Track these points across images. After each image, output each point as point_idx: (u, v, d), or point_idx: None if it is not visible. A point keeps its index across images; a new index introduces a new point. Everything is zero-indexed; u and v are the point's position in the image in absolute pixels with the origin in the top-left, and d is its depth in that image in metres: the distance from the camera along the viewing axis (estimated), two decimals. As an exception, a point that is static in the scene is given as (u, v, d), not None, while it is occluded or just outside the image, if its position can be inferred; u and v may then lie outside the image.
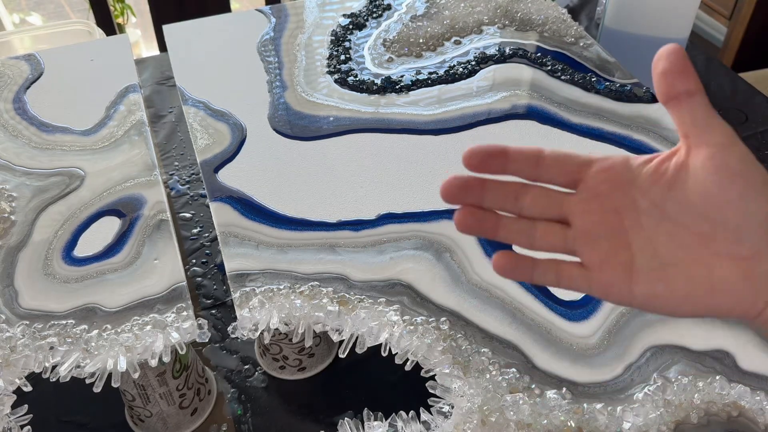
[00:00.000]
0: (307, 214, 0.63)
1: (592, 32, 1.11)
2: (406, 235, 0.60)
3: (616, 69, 0.81)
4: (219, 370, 0.65)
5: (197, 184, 0.85)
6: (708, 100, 0.31)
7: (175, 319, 0.52)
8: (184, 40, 0.89)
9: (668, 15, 0.89)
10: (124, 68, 0.83)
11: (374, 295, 0.55)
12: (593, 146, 0.70)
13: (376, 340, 0.52)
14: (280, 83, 0.80)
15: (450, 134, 0.72)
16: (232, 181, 0.66)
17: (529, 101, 0.76)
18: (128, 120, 0.74)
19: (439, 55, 0.85)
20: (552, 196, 0.35)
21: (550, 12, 0.91)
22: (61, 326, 0.52)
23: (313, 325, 0.53)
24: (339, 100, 0.77)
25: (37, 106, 0.77)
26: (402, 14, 0.93)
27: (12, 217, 0.63)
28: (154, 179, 0.66)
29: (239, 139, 0.72)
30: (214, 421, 0.61)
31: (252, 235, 0.60)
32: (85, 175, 0.67)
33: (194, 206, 0.83)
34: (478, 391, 0.48)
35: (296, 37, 0.89)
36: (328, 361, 0.65)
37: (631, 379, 0.51)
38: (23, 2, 2.57)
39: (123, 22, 2.04)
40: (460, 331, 0.53)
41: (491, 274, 0.57)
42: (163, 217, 0.62)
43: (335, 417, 0.61)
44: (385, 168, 0.68)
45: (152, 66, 1.07)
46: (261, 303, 0.54)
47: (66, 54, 0.87)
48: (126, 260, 0.58)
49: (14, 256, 0.59)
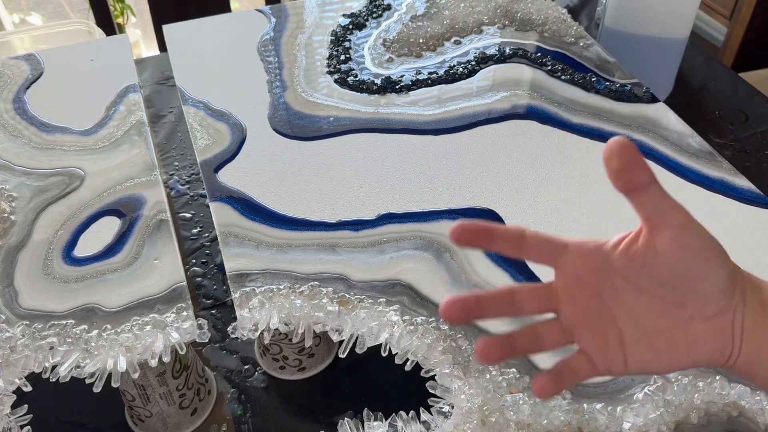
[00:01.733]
0: (307, 214, 0.63)
1: (592, 32, 1.11)
2: (406, 235, 0.60)
3: (616, 69, 0.81)
4: (219, 370, 0.65)
5: (197, 184, 0.85)
6: (661, 187, 0.35)
7: (175, 319, 0.52)
8: (184, 40, 0.89)
9: (668, 15, 0.89)
10: (124, 68, 0.83)
11: (374, 295, 0.55)
12: (593, 146, 0.70)
13: (376, 340, 0.52)
14: (280, 83, 0.80)
15: (450, 134, 0.72)
16: (232, 181, 0.66)
17: (529, 101, 0.76)
18: (128, 120, 0.74)
19: (439, 55, 0.85)
20: (539, 294, 0.38)
21: (550, 12, 0.91)
22: (61, 326, 0.52)
23: (313, 325, 0.53)
24: (339, 100, 0.77)
25: (37, 106, 0.77)
26: (402, 14, 0.93)
27: (12, 217, 0.63)
28: (154, 179, 0.66)
29: (239, 139, 0.72)
30: (214, 421, 0.61)
31: (252, 235, 0.60)
32: (85, 175, 0.67)
33: (194, 206, 0.83)
34: (478, 391, 0.48)
35: (296, 37, 0.89)
36: (328, 361, 0.65)
37: (631, 379, 0.51)
38: (23, 2, 2.57)
39: (123, 22, 2.04)
40: (460, 331, 0.53)
41: (491, 274, 0.57)
42: (163, 217, 0.62)
43: (335, 417, 0.61)
44: (385, 168, 0.68)
45: (152, 66, 1.07)
46: (261, 303, 0.54)
47: (66, 54, 0.87)
48: (126, 260, 0.58)
49: (14, 256, 0.59)
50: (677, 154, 0.68)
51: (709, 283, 0.35)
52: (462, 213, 0.62)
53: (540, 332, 0.38)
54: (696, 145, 0.69)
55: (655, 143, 0.70)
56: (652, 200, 0.35)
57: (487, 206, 0.63)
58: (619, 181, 0.35)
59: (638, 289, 0.36)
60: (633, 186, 0.35)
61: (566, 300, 0.38)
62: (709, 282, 0.35)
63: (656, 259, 0.35)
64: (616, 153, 0.35)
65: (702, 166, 0.67)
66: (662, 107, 0.75)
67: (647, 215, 0.35)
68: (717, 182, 0.65)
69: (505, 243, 0.38)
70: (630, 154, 0.35)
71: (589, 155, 0.69)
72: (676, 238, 0.35)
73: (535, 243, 0.38)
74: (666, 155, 0.68)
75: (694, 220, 0.35)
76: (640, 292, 0.36)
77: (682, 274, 0.35)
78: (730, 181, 0.65)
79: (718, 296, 0.35)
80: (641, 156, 0.35)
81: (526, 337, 0.38)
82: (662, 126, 0.72)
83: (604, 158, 0.35)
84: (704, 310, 0.36)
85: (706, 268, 0.35)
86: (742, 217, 0.62)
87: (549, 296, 0.38)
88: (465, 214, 0.62)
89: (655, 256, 0.35)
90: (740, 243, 0.59)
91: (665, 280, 0.35)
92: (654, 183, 0.35)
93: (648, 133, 0.71)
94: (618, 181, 0.35)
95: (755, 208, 0.62)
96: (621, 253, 0.36)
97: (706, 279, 0.35)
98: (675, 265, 0.35)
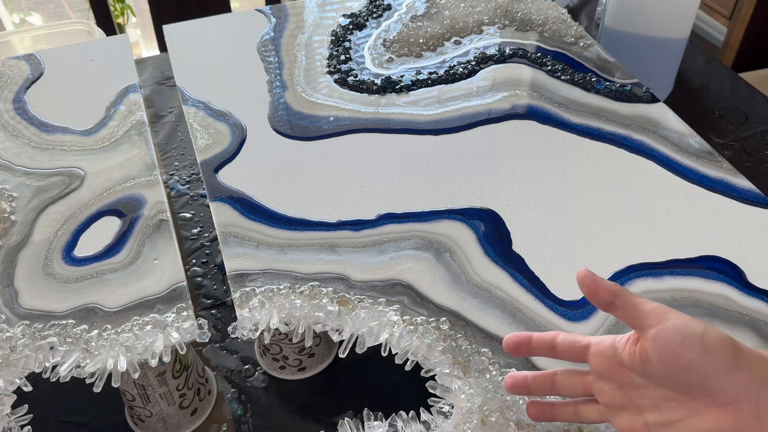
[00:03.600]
0: (307, 214, 0.63)
1: (592, 32, 1.11)
2: (406, 235, 0.60)
3: (616, 69, 0.81)
4: (219, 370, 0.65)
5: (197, 184, 0.85)
6: (631, 298, 0.40)
7: (175, 319, 0.53)
8: (184, 40, 0.89)
9: (668, 15, 0.89)
10: (124, 68, 0.83)
11: (374, 295, 0.55)
12: (593, 146, 0.70)
13: (376, 340, 0.52)
14: (280, 83, 0.80)
15: (450, 134, 0.72)
16: (232, 181, 0.66)
17: (529, 101, 0.76)
18: (128, 120, 0.74)
19: (439, 55, 0.85)
20: (576, 382, 0.44)
21: (550, 12, 0.91)
22: (61, 326, 0.52)
23: (313, 325, 0.53)
24: (339, 100, 0.77)
25: (37, 106, 0.77)
26: (402, 14, 0.93)
27: (12, 217, 0.63)
28: (154, 179, 0.66)
29: (239, 139, 0.72)
30: (214, 421, 0.61)
31: (252, 235, 0.60)
32: (85, 175, 0.67)
33: (194, 206, 0.83)
34: (478, 391, 0.48)
35: (296, 37, 0.89)
36: (328, 361, 0.65)
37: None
38: (23, 2, 2.57)
39: (123, 22, 2.04)
40: (460, 331, 0.53)
41: (491, 274, 0.57)
42: (163, 217, 0.62)
43: (335, 417, 0.61)
44: (385, 168, 0.68)
45: (152, 66, 1.07)
46: (261, 303, 0.54)
47: (66, 54, 0.87)
48: (126, 260, 0.58)
49: (14, 256, 0.59)
50: (677, 154, 0.68)
51: (702, 374, 0.36)
52: (462, 213, 0.62)
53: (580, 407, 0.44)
54: (696, 145, 0.70)
55: (655, 143, 0.70)
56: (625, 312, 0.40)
57: (487, 206, 0.63)
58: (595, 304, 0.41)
59: (651, 383, 0.39)
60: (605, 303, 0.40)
61: (598, 390, 0.42)
62: (702, 373, 0.36)
63: (648, 358, 0.38)
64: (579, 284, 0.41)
65: (702, 166, 0.67)
66: (662, 107, 0.75)
67: (630, 323, 0.40)
68: (717, 182, 0.65)
69: (541, 348, 0.44)
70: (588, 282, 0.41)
71: (589, 155, 0.69)
72: (655, 340, 0.38)
73: (564, 346, 0.43)
74: (666, 155, 0.68)
75: (671, 317, 0.38)
76: (653, 386, 0.39)
77: (673, 370, 0.37)
78: (730, 181, 0.65)
79: (724, 384, 0.36)
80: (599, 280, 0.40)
81: (567, 408, 0.44)
82: (662, 126, 0.72)
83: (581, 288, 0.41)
84: (714, 400, 0.37)
85: (693, 361, 0.36)
86: (742, 217, 0.62)
87: (584, 385, 0.43)
88: (465, 214, 0.62)
89: (647, 356, 0.38)
90: (740, 243, 0.59)
91: (665, 375, 0.38)
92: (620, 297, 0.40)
93: (648, 133, 0.71)
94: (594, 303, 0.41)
95: (755, 208, 0.62)
96: (628, 353, 0.40)
97: (698, 371, 0.36)
98: (664, 363, 0.37)
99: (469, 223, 0.62)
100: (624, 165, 0.68)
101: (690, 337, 0.37)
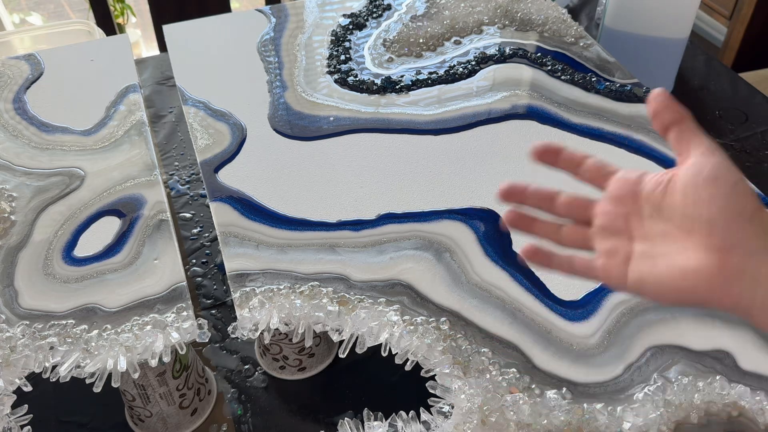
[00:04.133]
0: (307, 214, 0.63)
1: (592, 32, 1.11)
2: (406, 235, 0.60)
3: (616, 69, 0.81)
4: (219, 370, 0.65)
5: (197, 184, 0.85)
6: (695, 124, 0.39)
7: (175, 319, 0.52)
8: (184, 40, 0.89)
9: (668, 15, 0.89)
10: (124, 68, 0.83)
11: (374, 295, 0.55)
12: (593, 146, 0.70)
13: (376, 340, 0.52)
14: (280, 83, 0.80)
15: (450, 134, 0.72)
16: (232, 181, 0.66)
17: (529, 101, 0.76)
18: (128, 120, 0.74)
19: (439, 55, 0.85)
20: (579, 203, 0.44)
21: (550, 12, 0.91)
22: (61, 326, 0.52)
23: (313, 325, 0.53)
24: (339, 100, 0.77)
25: (37, 106, 0.77)
26: (402, 14, 0.93)
27: (12, 217, 0.63)
28: (154, 179, 0.66)
29: (239, 139, 0.72)
30: (214, 421, 0.61)
31: (252, 235, 0.60)
32: (85, 175, 0.67)
33: (194, 206, 0.83)
34: (478, 391, 0.48)
35: (296, 37, 0.89)
36: (328, 361, 0.65)
37: (631, 379, 0.51)
38: (23, 2, 2.57)
39: (123, 22, 2.04)
40: (460, 331, 0.53)
41: (491, 274, 0.57)
42: (163, 217, 0.62)
43: (335, 417, 0.61)
44: (385, 168, 0.68)
45: (152, 66, 1.07)
46: (261, 303, 0.54)
47: (66, 54, 0.87)
48: (126, 260, 0.58)
49: (14, 256, 0.59)
50: (677, 154, 0.68)
51: (713, 210, 0.36)
52: (462, 213, 0.62)
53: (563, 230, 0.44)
54: (696, 145, 0.69)
55: (655, 143, 0.70)
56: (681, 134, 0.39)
57: (487, 206, 0.63)
58: (655, 121, 0.40)
59: (659, 215, 0.39)
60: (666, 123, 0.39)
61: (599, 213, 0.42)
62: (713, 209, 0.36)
63: (674, 184, 0.38)
64: (651, 99, 0.40)
65: (702, 166, 0.67)
66: (662, 107, 0.75)
67: (678, 150, 0.39)
68: (717, 182, 0.65)
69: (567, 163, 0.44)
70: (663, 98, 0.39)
71: (589, 155, 0.69)
72: (693, 165, 0.37)
73: (592, 165, 0.43)
74: (666, 155, 0.68)
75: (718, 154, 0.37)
76: (660, 218, 0.39)
77: (689, 199, 0.37)
78: (730, 181, 0.65)
79: (725, 228, 0.36)
80: (672, 100, 0.39)
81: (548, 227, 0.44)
82: (662, 126, 0.72)
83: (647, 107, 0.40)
84: (709, 240, 0.36)
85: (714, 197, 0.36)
86: (742, 217, 0.61)
87: (586, 207, 0.43)
88: (465, 214, 0.62)
89: (674, 181, 0.38)
90: (740, 243, 0.59)
91: (678, 205, 0.37)
92: (685, 120, 0.39)
93: (648, 133, 0.71)
94: (655, 121, 0.40)
95: (755, 208, 0.62)
96: (655, 181, 0.40)
97: (711, 206, 0.36)
98: (686, 190, 0.37)
99: (469, 223, 0.62)
100: (624, 165, 0.67)
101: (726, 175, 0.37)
